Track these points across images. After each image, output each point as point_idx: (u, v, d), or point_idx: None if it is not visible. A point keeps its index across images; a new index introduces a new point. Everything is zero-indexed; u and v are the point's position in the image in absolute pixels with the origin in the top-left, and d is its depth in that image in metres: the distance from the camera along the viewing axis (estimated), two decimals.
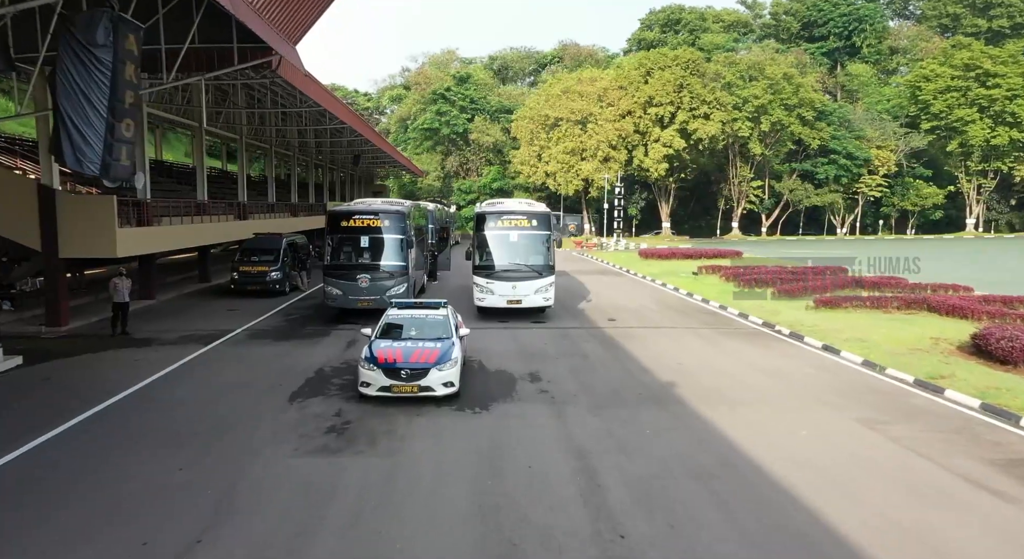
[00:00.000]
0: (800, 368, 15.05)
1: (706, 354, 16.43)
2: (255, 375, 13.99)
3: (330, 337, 18.18)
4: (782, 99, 68.88)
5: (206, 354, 15.90)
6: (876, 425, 11.06)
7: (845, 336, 18.07)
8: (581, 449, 9.92)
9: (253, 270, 25.64)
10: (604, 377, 14.08)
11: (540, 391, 13.01)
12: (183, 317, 21.00)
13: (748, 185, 74.49)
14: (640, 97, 69.13)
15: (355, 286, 20.11)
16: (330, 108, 27.32)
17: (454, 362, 12.28)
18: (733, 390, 13.12)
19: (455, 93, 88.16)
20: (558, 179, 69.82)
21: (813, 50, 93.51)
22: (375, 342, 12.77)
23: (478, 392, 12.85)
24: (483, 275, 20.93)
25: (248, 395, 12.53)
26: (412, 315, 13.93)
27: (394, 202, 23.85)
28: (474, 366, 14.89)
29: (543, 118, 70.75)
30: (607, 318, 21.52)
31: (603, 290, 28.91)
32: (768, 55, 73.79)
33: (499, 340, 17.84)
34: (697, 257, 43.27)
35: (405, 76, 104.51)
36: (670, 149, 68.20)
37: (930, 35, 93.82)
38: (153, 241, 22.06)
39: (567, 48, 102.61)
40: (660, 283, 31.35)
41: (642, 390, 13.12)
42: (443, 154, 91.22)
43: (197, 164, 29.37)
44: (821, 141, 71.88)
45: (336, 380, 13.64)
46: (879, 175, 73.73)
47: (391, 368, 11.93)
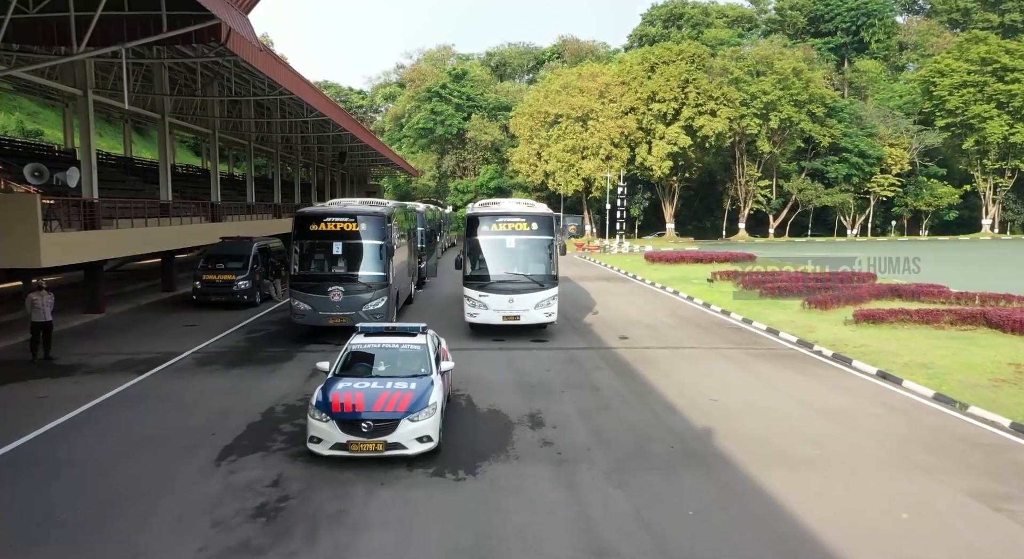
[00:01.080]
0: (861, 406, 12.24)
1: (742, 385, 13.62)
2: (185, 420, 11.16)
3: (292, 362, 15.36)
4: (792, 95, 66.08)
5: (135, 388, 13.07)
6: (998, 502, 8.24)
7: (902, 360, 15.27)
8: (602, 547, 7.10)
9: (218, 279, 22.79)
10: (623, 420, 11.28)
11: (543, 442, 10.21)
12: (129, 335, 18.16)
13: (755, 185, 71.71)
14: (643, 93, 66.34)
15: (326, 300, 17.25)
16: (300, 93, 24.48)
17: (432, 409, 9.47)
18: (788, 441, 10.31)
19: (451, 91, 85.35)
20: (558, 178, 67.01)
21: (820, 46, 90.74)
22: (332, 382, 9.96)
23: (463, 444, 10.04)
24: (475, 287, 18.11)
25: (164, 452, 9.70)
26: (382, 344, 11.08)
27: (374, 203, 21.08)
28: (460, 403, 12.10)
29: (543, 115, 67.94)
30: (618, 335, 18.71)
31: (610, 300, 26.08)
32: (777, 49, 70.95)
33: (492, 365, 15.04)
34: (707, 261, 40.51)
35: (400, 73, 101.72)
36: (675, 147, 65.40)
37: (941, 30, 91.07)
38: (95, 247, 19.24)
39: (567, 44, 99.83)
40: (672, 291, 28.53)
41: (673, 441, 10.31)
42: (439, 153, 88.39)
43: (160, 159, 26.53)
44: (832, 139, 69.08)
45: (286, 426, 10.82)
46: (892, 174, 70.89)
47: (349, 419, 9.12)
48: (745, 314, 21.87)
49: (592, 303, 25.09)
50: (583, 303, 24.90)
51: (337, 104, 37.29)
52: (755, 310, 22.59)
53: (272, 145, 42.83)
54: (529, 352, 16.50)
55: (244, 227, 31.35)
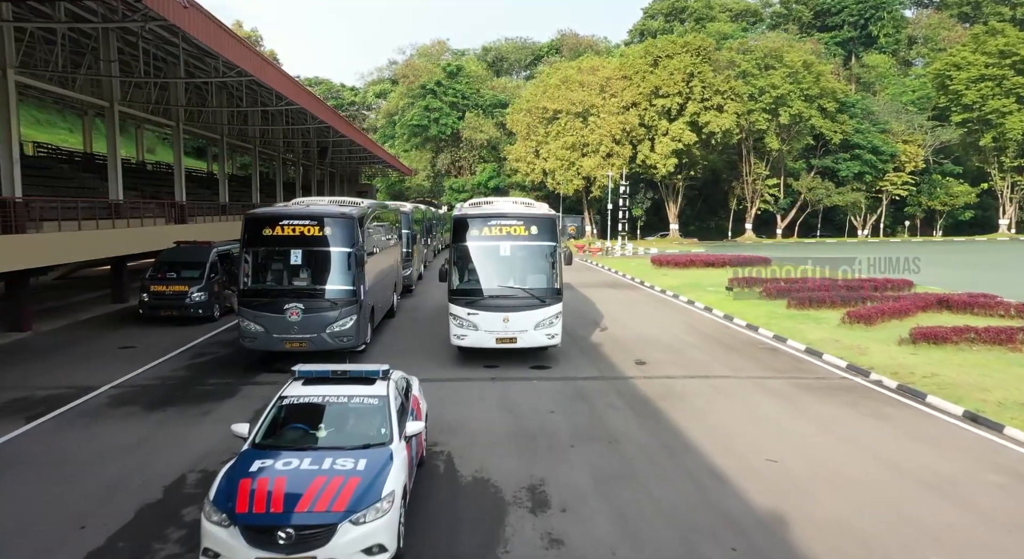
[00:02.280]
0: (971, 471, 9.24)
1: (801, 435, 10.62)
2: (55, 500, 8.13)
3: (234, 400, 12.35)
4: (802, 89, 63.10)
5: (10, 445, 10.03)
6: None
7: (992, 395, 12.32)
8: None
9: (168, 290, 19.77)
10: (656, 498, 8.27)
11: (549, 541, 7.21)
12: (47, 361, 15.11)
13: (763, 183, 68.73)
14: (646, 87, 63.34)
15: (282, 320, 14.19)
16: (258, 73, 21.44)
17: (387, 503, 6.46)
18: (901, 541, 7.30)
19: (445, 88, 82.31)
20: (557, 177, 63.99)
21: (826, 40, 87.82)
22: (245, 459, 6.94)
23: (436, 545, 7.03)
24: (463, 303, 15.06)
25: None
26: (325, 397, 8.02)
27: (345, 203, 17.99)
28: (437, 468, 9.11)
29: (541, 110, 64.90)
30: (634, 359, 15.70)
31: (620, 312, 23.05)
32: (786, 41, 67.97)
33: (482, 405, 12.05)
34: (719, 265, 37.55)
35: (392, 69, 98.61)
36: (679, 143, 62.40)
37: (952, 23, 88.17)
38: (15, 254, 16.21)
39: (566, 38, 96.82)
40: (686, 301, 25.52)
41: (733, 537, 7.30)
42: (433, 151, 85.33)
43: (108, 151, 23.45)
44: (844, 135, 66.09)
45: (190, 511, 7.78)
46: (905, 172, 67.92)
47: (260, 525, 6.11)
48: (776, 330, 18.89)
49: (599, 316, 22.08)
50: (589, 316, 21.88)
51: (309, 90, 33.95)
52: (786, 325, 19.60)
53: (251, 140, 39.78)
54: (527, 384, 13.50)
55: (213, 230, 28.36)
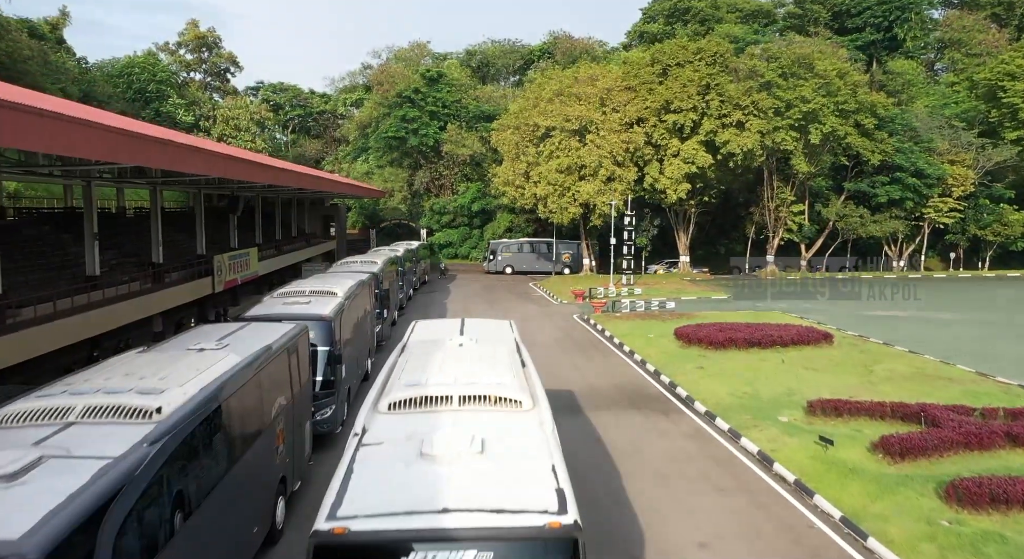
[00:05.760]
0: None
1: None
2: None
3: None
4: (837, 103, 54.09)
5: None
6: None
7: None
8: None
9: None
10: None
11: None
12: None
13: (787, 210, 59.71)
14: (654, 101, 54.19)
15: None
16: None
17: None
18: None
19: (424, 95, 73.01)
20: (550, 204, 54.72)
21: (846, 43, 78.92)
22: None
23: None
24: None
25: None
26: None
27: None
28: None
29: (531, 127, 55.60)
30: None
31: (665, 502, 13.72)
32: (817, 46, 58.91)
33: None
34: (767, 345, 28.54)
35: (367, 74, 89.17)
36: (692, 166, 53.31)
37: (987, 25, 79.53)
38: None
39: (558, 41, 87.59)
40: (757, 454, 16.33)
41: None
42: (410, 168, 75.96)
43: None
44: (883, 155, 57.11)
45: None
46: (953, 197, 59.07)
47: None
48: None
49: (627, 518, 12.76)
50: (611, 518, 12.52)
51: (251, 160, 25.68)
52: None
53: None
54: None
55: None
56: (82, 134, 12.70)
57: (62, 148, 12.36)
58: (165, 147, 15.42)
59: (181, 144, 15.64)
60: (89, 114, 15.01)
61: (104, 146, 13.10)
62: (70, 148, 12.34)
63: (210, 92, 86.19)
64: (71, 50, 69.46)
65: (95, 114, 16.41)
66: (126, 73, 70.54)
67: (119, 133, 13.87)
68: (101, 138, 13.21)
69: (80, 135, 12.42)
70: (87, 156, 13.29)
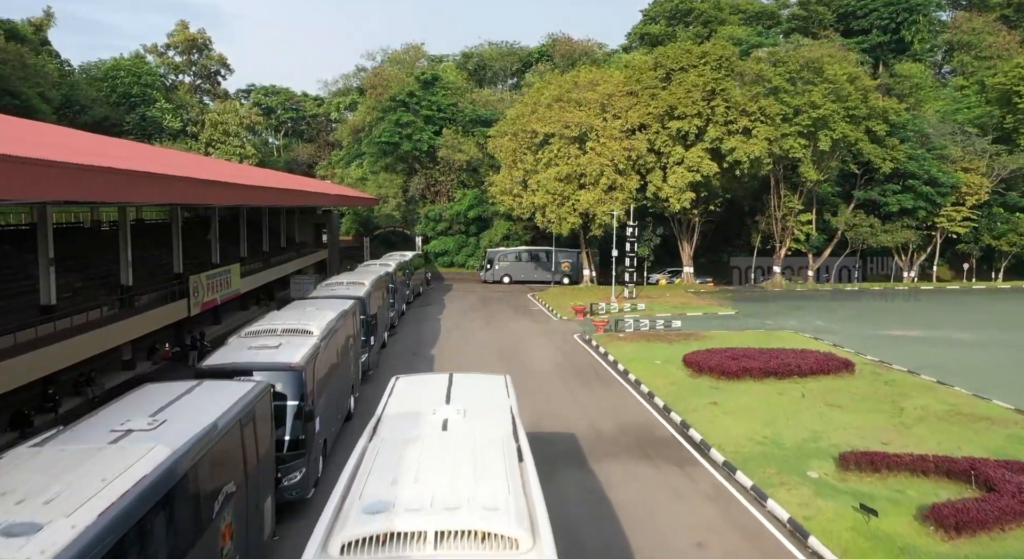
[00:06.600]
0: None
1: None
2: None
3: None
4: (848, 109, 51.98)
5: None
6: None
7: None
8: None
9: None
10: None
11: None
12: None
13: (795, 219, 57.61)
14: (657, 107, 52.08)
15: None
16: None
17: None
18: None
19: (419, 98, 70.82)
20: (548, 214, 52.58)
21: (852, 46, 76.89)
22: None
23: None
24: None
25: None
26: None
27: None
28: None
29: (529, 134, 53.43)
30: None
31: None
32: (827, 50, 56.77)
33: None
34: (784, 375, 26.43)
35: (360, 77, 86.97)
36: (697, 174, 51.22)
37: (997, 27, 77.52)
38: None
39: (557, 43, 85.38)
40: (789, 526, 14.22)
41: None
42: (405, 174, 73.78)
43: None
44: (895, 163, 54.99)
45: None
46: (966, 206, 56.99)
47: None
48: None
49: None
50: None
51: (245, 185, 23.67)
52: None
53: None
54: None
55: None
56: None
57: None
58: (108, 176, 13.28)
59: (122, 171, 13.44)
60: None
61: (23, 182, 10.95)
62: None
63: (200, 95, 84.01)
64: (54, 52, 67.25)
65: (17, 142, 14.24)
66: (111, 76, 68.27)
67: (47, 166, 11.73)
68: (22, 174, 11.07)
69: None
70: (7, 197, 11.16)
